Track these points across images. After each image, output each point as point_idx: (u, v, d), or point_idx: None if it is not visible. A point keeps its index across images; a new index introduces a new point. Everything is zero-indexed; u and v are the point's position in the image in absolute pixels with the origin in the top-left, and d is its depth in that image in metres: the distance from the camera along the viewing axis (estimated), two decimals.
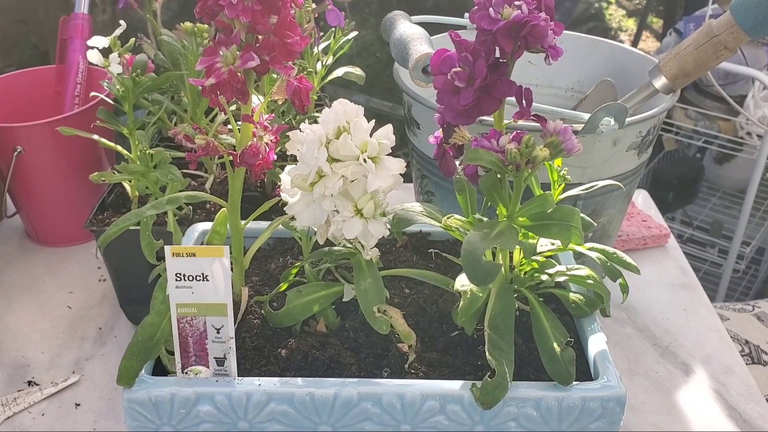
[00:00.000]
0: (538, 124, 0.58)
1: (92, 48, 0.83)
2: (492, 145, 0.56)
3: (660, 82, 0.82)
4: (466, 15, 0.97)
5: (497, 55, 0.56)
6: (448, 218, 0.63)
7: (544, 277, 0.64)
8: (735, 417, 0.83)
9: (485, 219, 0.64)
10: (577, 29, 1.26)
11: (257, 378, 0.57)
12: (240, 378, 0.58)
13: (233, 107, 0.62)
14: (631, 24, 2.76)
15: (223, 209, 0.67)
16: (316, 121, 0.57)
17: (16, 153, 1.00)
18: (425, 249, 0.76)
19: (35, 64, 1.20)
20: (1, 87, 1.13)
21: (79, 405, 0.83)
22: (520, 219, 0.59)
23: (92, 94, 0.97)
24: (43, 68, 1.18)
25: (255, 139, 0.59)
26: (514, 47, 0.55)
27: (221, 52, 0.55)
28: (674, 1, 2.22)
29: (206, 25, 0.89)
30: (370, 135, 0.56)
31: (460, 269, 0.61)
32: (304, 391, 0.56)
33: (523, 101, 0.58)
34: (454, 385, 0.57)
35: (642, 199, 1.26)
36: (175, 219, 0.81)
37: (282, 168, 0.64)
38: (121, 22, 0.86)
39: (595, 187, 0.66)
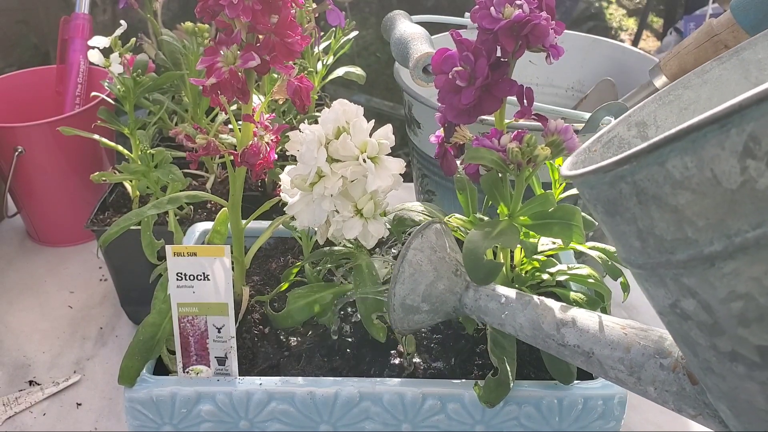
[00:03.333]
0: (539, 123, 0.58)
1: (93, 48, 0.83)
2: (493, 144, 0.56)
3: (660, 81, 0.82)
4: (467, 14, 0.97)
5: (498, 54, 0.56)
6: (449, 218, 0.63)
7: (545, 276, 0.64)
8: None
9: (486, 218, 0.64)
10: (577, 28, 1.26)
11: (258, 377, 0.57)
12: (241, 377, 0.58)
13: (234, 107, 0.62)
14: (631, 23, 2.76)
15: (223, 209, 0.67)
16: (316, 121, 0.57)
17: (17, 153, 1.00)
18: None
19: (35, 64, 1.20)
20: (1, 87, 1.13)
21: (80, 404, 0.83)
22: (522, 218, 0.59)
23: (93, 94, 0.98)
24: (43, 68, 1.18)
25: (256, 138, 0.59)
26: (516, 46, 0.55)
27: (222, 52, 0.55)
28: (675, 1, 2.21)
29: (207, 25, 0.89)
30: (370, 135, 0.56)
31: None
32: (305, 391, 0.56)
33: (524, 100, 0.58)
34: (455, 385, 0.57)
35: None
36: (176, 218, 0.81)
37: (283, 168, 0.63)
38: (122, 22, 0.86)
39: None
